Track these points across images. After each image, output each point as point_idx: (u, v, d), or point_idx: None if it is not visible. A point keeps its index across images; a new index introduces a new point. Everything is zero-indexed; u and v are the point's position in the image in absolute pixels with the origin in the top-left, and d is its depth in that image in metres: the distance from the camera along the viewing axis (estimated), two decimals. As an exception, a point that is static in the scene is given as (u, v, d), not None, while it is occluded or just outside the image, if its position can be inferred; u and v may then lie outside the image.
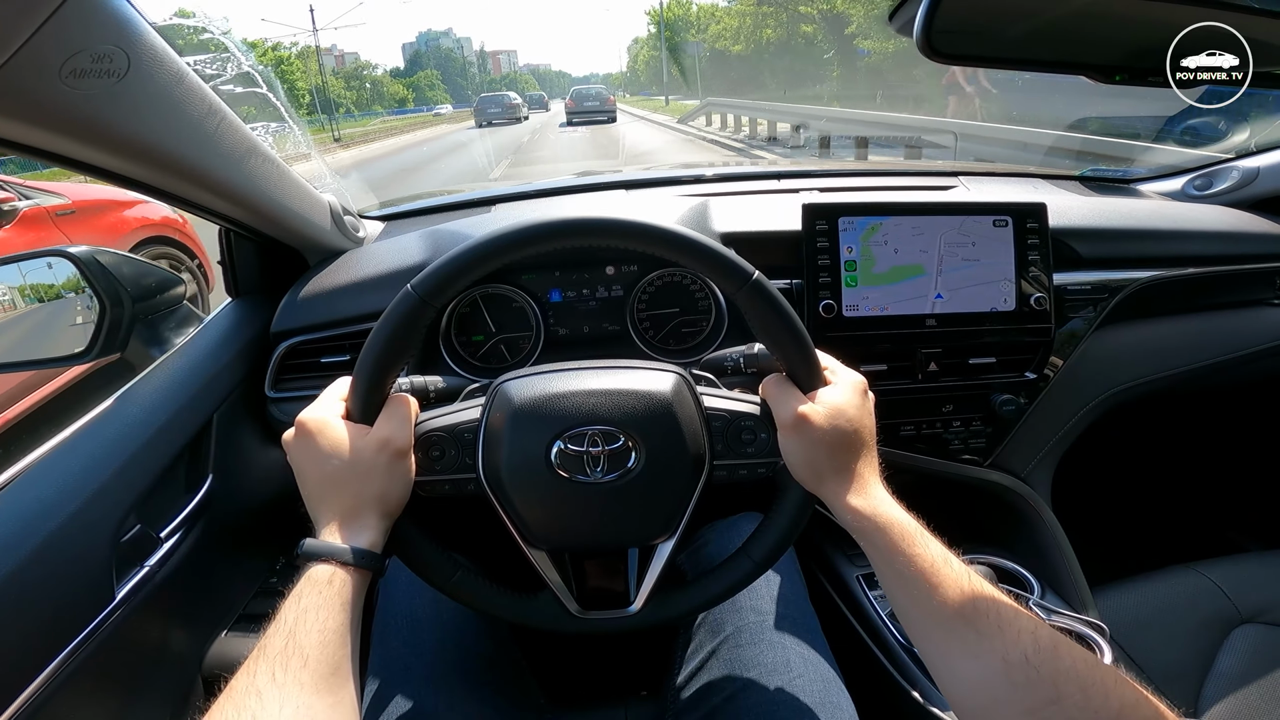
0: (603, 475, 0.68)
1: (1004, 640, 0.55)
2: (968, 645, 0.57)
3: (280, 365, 1.08)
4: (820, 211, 1.06)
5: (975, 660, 0.56)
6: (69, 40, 0.60)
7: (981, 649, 0.56)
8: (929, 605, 0.59)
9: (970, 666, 0.56)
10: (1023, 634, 0.55)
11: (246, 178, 0.92)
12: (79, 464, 0.83)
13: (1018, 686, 0.53)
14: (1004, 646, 0.55)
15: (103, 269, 1.04)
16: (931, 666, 0.61)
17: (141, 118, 0.73)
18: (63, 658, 0.73)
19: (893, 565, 0.62)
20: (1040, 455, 1.23)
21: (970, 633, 0.57)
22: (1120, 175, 1.57)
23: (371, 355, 0.67)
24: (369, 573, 0.63)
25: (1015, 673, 0.53)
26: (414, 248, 1.14)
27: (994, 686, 0.54)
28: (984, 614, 0.57)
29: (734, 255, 0.68)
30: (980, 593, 0.59)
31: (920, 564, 0.61)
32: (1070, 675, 0.52)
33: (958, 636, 0.58)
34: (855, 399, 0.69)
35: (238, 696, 0.51)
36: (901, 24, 0.66)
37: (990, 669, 0.55)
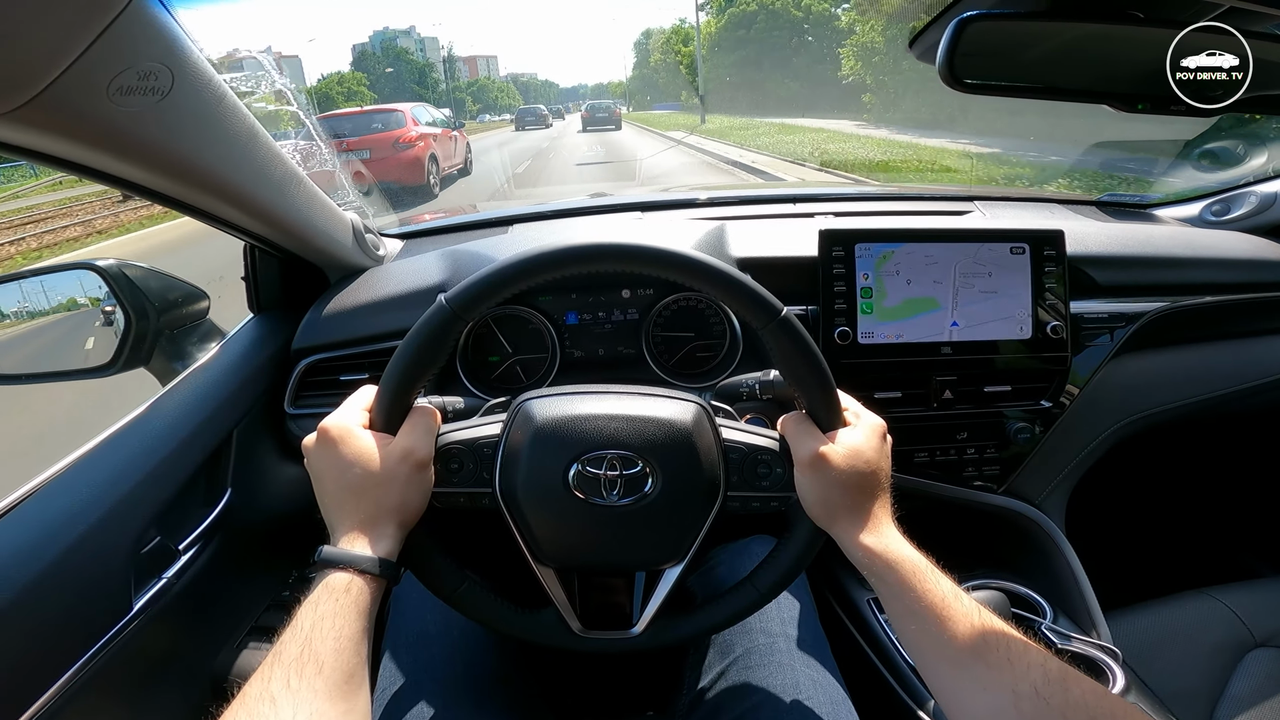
0: (618, 499, 0.68)
1: (1013, 673, 0.55)
2: (977, 679, 0.57)
3: (300, 382, 1.09)
4: (837, 238, 1.07)
5: (985, 693, 0.56)
6: (118, 57, 0.61)
7: (991, 682, 0.56)
8: (939, 640, 0.60)
9: (980, 700, 0.57)
10: (1032, 667, 0.55)
11: (278, 196, 0.94)
12: (103, 475, 0.85)
13: (1028, 719, 0.53)
14: (1013, 679, 0.55)
15: (129, 282, 1.06)
16: (942, 701, 0.61)
17: (182, 135, 0.74)
18: (77, 667, 0.74)
19: (903, 601, 0.63)
20: (1055, 482, 1.23)
21: (980, 666, 0.57)
22: (1137, 200, 1.56)
23: (400, 365, 0.68)
24: (385, 581, 0.63)
25: (1025, 705, 0.54)
26: (434, 267, 1.15)
27: (1004, 719, 0.54)
28: (993, 648, 0.57)
29: (763, 290, 0.69)
30: (990, 627, 0.59)
31: (930, 599, 0.61)
32: (1079, 707, 0.52)
33: (967, 670, 0.58)
34: (874, 442, 0.70)
35: (252, 702, 0.52)
36: (922, 51, 0.67)
37: (1000, 702, 0.55)
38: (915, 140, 14.76)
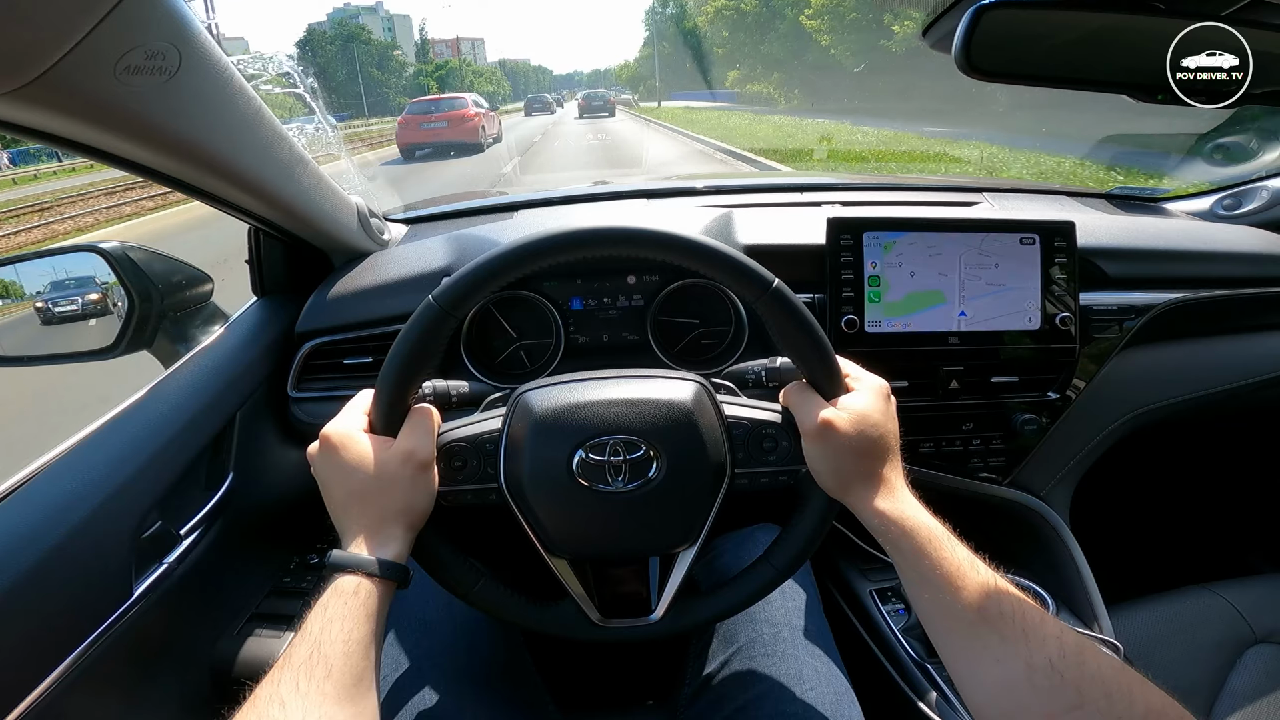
0: (624, 484, 0.68)
1: (1028, 645, 0.55)
2: (991, 649, 0.57)
3: (303, 365, 1.09)
4: (845, 226, 1.06)
5: (998, 664, 0.56)
6: (125, 37, 0.60)
7: (1005, 653, 0.56)
8: (954, 609, 0.59)
9: (993, 671, 0.56)
10: (1048, 639, 0.55)
11: (284, 179, 0.93)
12: (104, 459, 0.84)
13: (1041, 691, 0.53)
14: (1028, 651, 0.55)
15: (134, 265, 1.05)
16: (953, 670, 0.60)
17: (189, 116, 0.73)
18: (79, 652, 0.74)
19: (918, 569, 0.62)
20: (1060, 475, 1.22)
21: (994, 637, 0.57)
22: (1148, 194, 1.55)
23: (393, 368, 0.67)
24: (394, 584, 0.64)
25: (1039, 677, 0.53)
26: (438, 252, 1.14)
27: (1017, 691, 0.54)
28: (1009, 619, 0.57)
29: (754, 264, 0.68)
30: (1006, 597, 0.58)
31: (947, 567, 0.61)
32: (1095, 680, 0.52)
33: (981, 640, 0.57)
34: (879, 404, 0.69)
35: (261, 705, 0.52)
36: (937, 39, 0.65)
37: (1014, 673, 0.55)
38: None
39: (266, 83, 0.84)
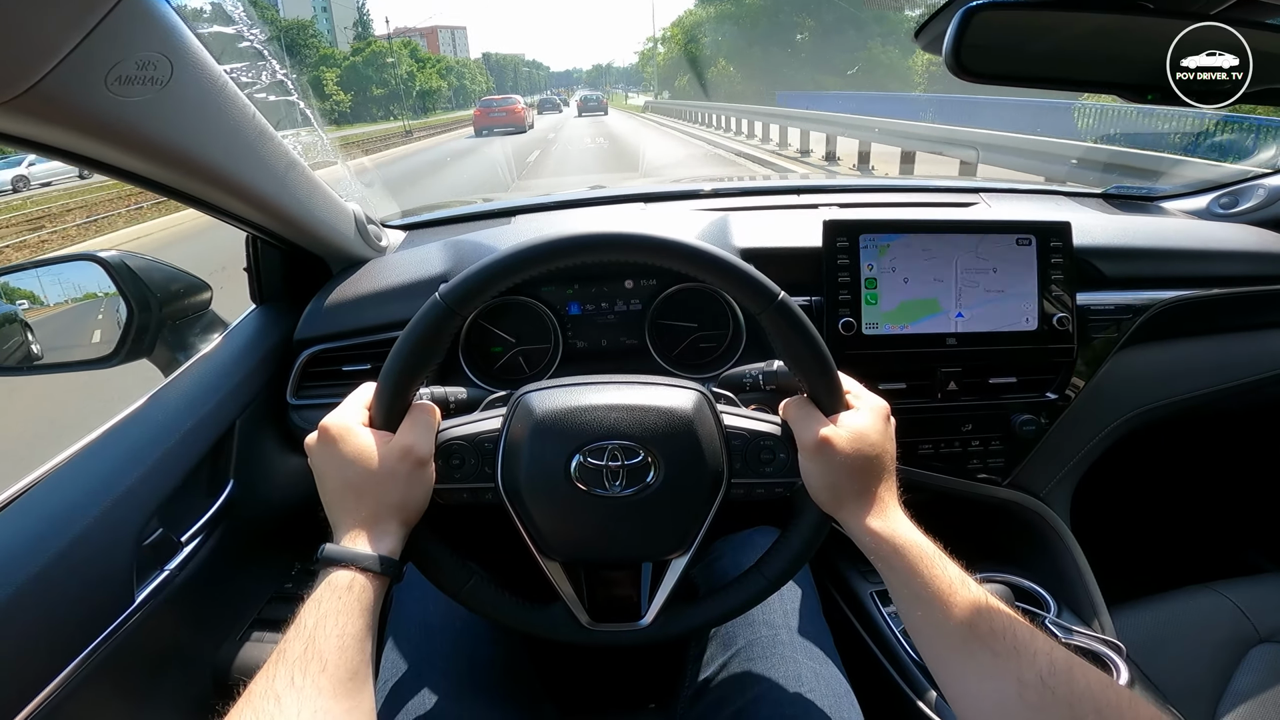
0: (621, 489, 0.68)
1: (1019, 661, 0.55)
2: (982, 666, 0.57)
3: (302, 373, 1.09)
4: (841, 228, 1.06)
5: (990, 681, 0.56)
6: (117, 47, 0.60)
7: (996, 670, 0.56)
8: (945, 626, 0.59)
9: (985, 688, 0.56)
10: (1039, 655, 0.55)
11: (280, 187, 0.93)
12: (105, 467, 0.85)
13: (1032, 708, 0.53)
14: (1019, 668, 0.55)
15: (132, 273, 1.06)
16: (946, 688, 0.61)
17: (182, 125, 0.73)
18: (81, 659, 0.74)
19: (909, 587, 0.62)
20: (1060, 475, 1.22)
21: (985, 654, 0.57)
22: (1144, 193, 1.55)
23: (397, 362, 0.67)
24: (388, 579, 0.63)
25: (1030, 694, 0.53)
26: (436, 258, 1.14)
27: (1008, 708, 0.54)
28: (1000, 635, 0.57)
29: (760, 275, 0.68)
30: (996, 614, 0.58)
31: (937, 585, 0.61)
32: (1085, 696, 0.52)
33: (973, 658, 0.58)
34: (878, 424, 0.70)
35: (256, 700, 0.52)
36: (928, 41, 0.66)
37: (1005, 690, 0.55)
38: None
39: (260, 91, 0.84)
